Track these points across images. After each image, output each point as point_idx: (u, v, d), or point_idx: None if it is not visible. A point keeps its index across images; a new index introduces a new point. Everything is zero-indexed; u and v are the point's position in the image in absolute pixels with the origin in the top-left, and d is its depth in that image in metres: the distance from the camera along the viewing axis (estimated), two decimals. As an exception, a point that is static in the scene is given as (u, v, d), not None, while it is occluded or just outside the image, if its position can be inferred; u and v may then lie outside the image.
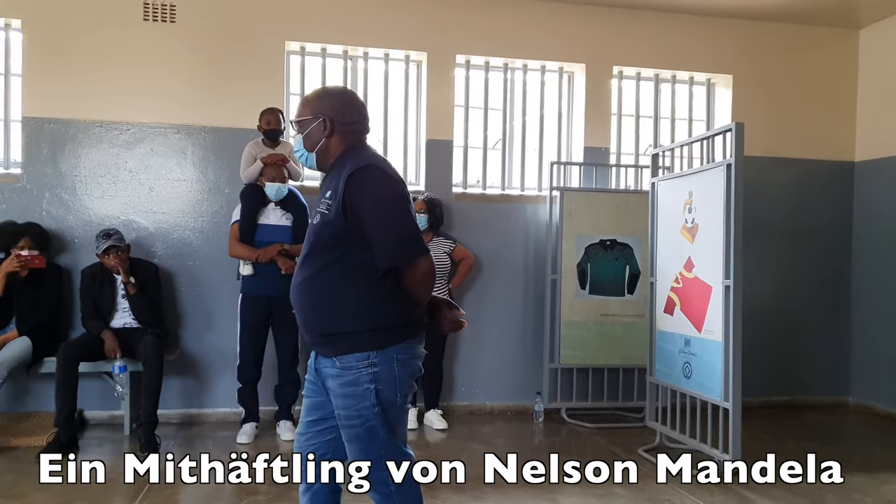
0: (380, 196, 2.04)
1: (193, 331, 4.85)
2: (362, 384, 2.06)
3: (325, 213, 2.08)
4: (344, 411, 2.10)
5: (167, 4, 4.78)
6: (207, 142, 4.86)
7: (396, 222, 2.04)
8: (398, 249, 2.03)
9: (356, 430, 2.09)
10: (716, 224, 3.81)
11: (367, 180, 2.03)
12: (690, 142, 4.34)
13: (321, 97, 2.20)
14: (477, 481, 3.69)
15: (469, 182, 5.43)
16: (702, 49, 5.59)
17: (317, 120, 2.15)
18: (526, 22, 5.31)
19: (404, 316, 2.11)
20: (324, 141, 2.15)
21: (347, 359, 2.07)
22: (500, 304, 5.30)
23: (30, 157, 4.67)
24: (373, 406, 2.06)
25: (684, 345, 4.11)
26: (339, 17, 5.03)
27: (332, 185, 2.09)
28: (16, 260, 4.18)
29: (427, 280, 2.08)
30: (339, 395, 2.10)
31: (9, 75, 4.78)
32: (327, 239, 2.07)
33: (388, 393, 2.08)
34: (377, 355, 2.06)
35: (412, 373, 2.15)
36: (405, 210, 2.07)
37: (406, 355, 2.12)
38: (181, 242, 4.84)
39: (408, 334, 2.12)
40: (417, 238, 2.07)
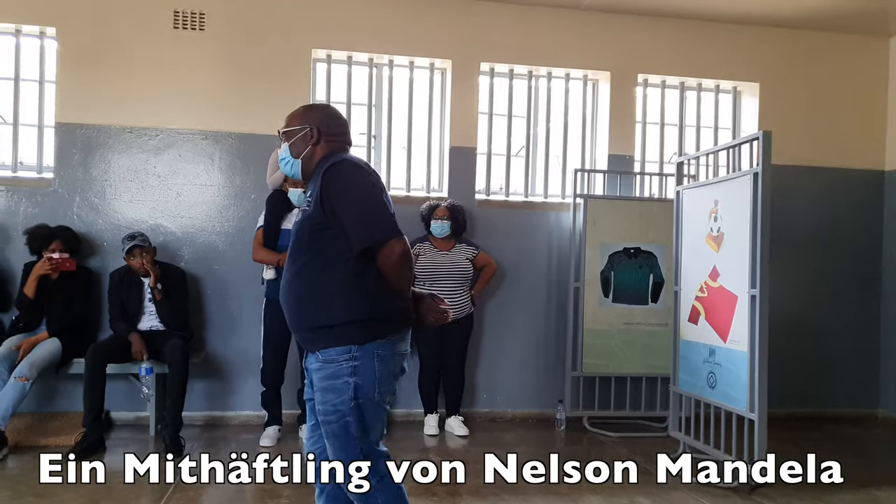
0: (351, 184, 2.13)
1: (218, 334, 4.91)
2: (342, 377, 2.10)
3: (305, 210, 2.18)
4: (322, 406, 2.15)
5: (197, 13, 4.86)
6: (234, 148, 4.92)
7: (367, 206, 2.12)
8: (369, 230, 2.09)
9: (333, 426, 2.12)
10: (742, 233, 3.78)
11: (340, 172, 2.14)
12: (716, 150, 4.31)
13: (308, 110, 2.35)
14: (497, 486, 3.69)
15: (492, 189, 5.44)
16: (728, 57, 5.56)
17: (304, 129, 2.27)
18: (551, 30, 5.32)
19: (386, 309, 2.14)
20: (309, 148, 2.27)
21: (329, 352, 2.12)
22: (523, 312, 5.30)
23: (62, 161, 4.76)
24: (350, 400, 2.09)
25: (709, 354, 4.08)
26: (365, 26, 5.08)
27: (312, 185, 2.23)
28: (47, 263, 4.26)
29: (402, 263, 2.11)
30: (319, 390, 2.16)
31: (43, 82, 4.89)
32: (308, 234, 2.16)
33: (367, 388, 2.11)
34: (358, 350, 2.10)
35: (392, 370, 2.17)
36: (376, 196, 2.15)
37: (387, 352, 2.15)
38: (207, 247, 4.90)
39: (390, 330, 2.16)
40: (389, 221, 2.13)
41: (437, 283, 4.72)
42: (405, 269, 2.13)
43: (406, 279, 2.16)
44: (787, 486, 3.70)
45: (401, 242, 2.10)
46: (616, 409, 5.15)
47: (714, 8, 5.26)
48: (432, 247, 4.82)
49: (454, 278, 4.75)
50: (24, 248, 4.49)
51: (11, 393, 3.94)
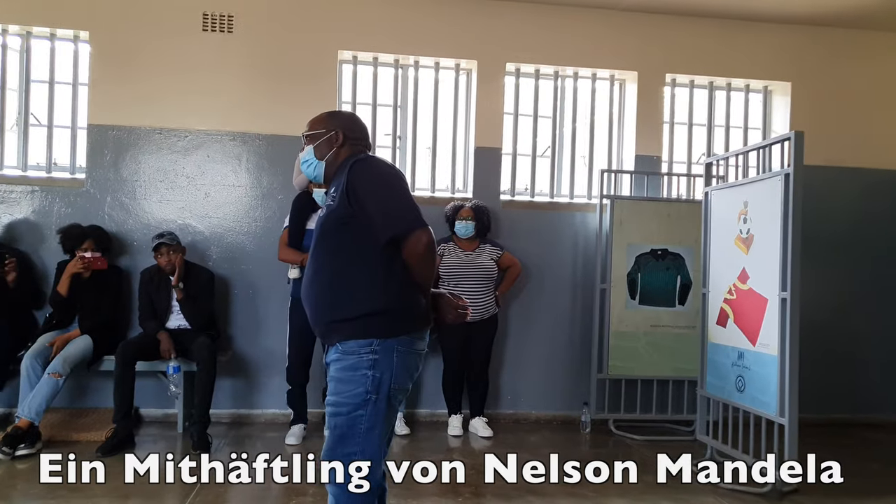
0: (378, 175, 2.20)
1: (245, 333, 4.96)
2: (360, 369, 2.11)
3: (330, 205, 2.23)
4: (335, 396, 2.15)
5: (225, 15, 4.92)
6: (262, 149, 4.97)
7: (393, 197, 2.17)
8: (395, 219, 2.12)
9: (341, 417, 2.13)
10: (772, 235, 3.72)
11: (367, 165, 2.21)
12: (746, 150, 4.25)
13: (332, 115, 2.42)
14: (521, 489, 3.68)
15: (517, 189, 5.42)
16: (758, 56, 5.48)
17: (329, 133, 2.33)
18: (577, 30, 5.29)
19: (408, 305, 2.17)
20: (333, 151, 2.33)
21: (350, 344, 2.13)
22: (548, 313, 5.27)
23: (94, 162, 4.85)
24: (365, 393, 2.11)
25: (737, 358, 4.02)
26: (391, 27, 5.10)
27: (336, 182, 2.26)
28: (79, 262, 4.34)
29: (428, 253, 2.14)
30: (334, 380, 2.17)
31: (77, 85, 4.98)
32: (332, 228, 2.19)
33: (385, 382, 2.12)
34: (379, 344, 2.12)
35: (409, 368, 2.19)
36: (401, 186, 2.21)
37: (406, 348, 2.17)
38: (235, 247, 4.95)
39: (410, 328, 2.18)
40: (415, 211, 2.16)
41: (461, 284, 4.71)
42: (430, 259, 2.16)
43: (430, 271, 2.19)
44: (816, 493, 3.64)
45: (426, 233, 2.13)
46: (642, 412, 5.10)
47: (745, 7, 5.19)
48: (457, 247, 4.82)
49: (478, 279, 4.74)
50: (58, 247, 4.58)
51: (45, 388, 4.02)
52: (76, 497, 3.34)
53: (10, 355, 4.31)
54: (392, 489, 3.62)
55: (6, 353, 4.28)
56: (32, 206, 4.79)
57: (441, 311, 2.29)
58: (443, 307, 2.28)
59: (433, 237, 2.16)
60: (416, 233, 2.12)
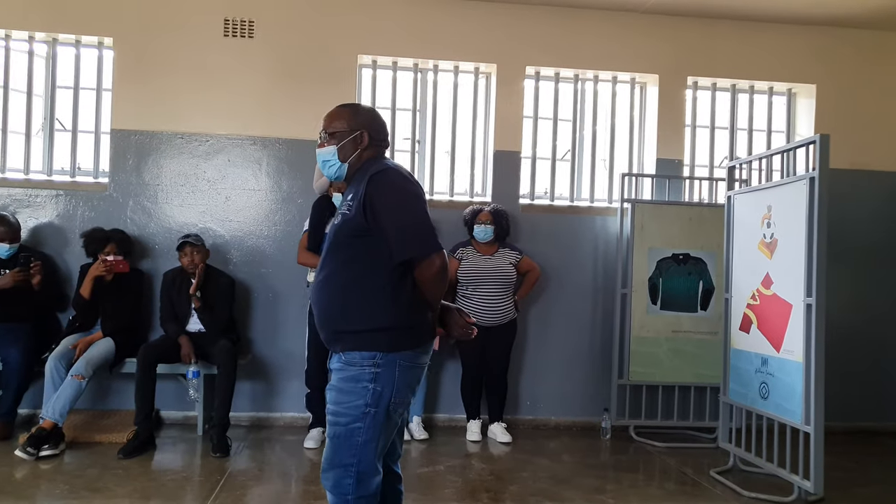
0: (396, 194, 2.14)
1: (265, 336, 4.97)
2: (361, 381, 2.11)
3: (346, 214, 2.18)
4: (334, 406, 2.15)
5: (246, 21, 4.96)
6: (282, 153, 4.99)
7: (412, 218, 2.13)
8: (412, 242, 2.10)
9: (339, 427, 2.12)
10: (797, 239, 3.66)
11: (386, 180, 2.14)
12: (770, 154, 4.19)
13: (356, 112, 2.33)
14: (540, 496, 3.66)
15: (537, 193, 5.39)
16: (783, 58, 5.41)
17: (353, 133, 2.26)
18: (597, 33, 5.26)
19: (415, 319, 2.15)
20: (358, 153, 2.27)
21: (353, 355, 2.13)
22: (567, 318, 5.23)
23: (116, 167, 4.90)
24: (364, 406, 2.10)
25: (761, 364, 3.96)
26: (411, 31, 5.11)
27: (354, 189, 2.21)
28: (102, 265, 4.38)
29: (440, 276, 2.12)
30: (334, 389, 2.16)
31: (101, 90, 5.04)
32: (345, 237, 2.17)
33: (385, 396, 2.11)
34: (383, 357, 2.11)
35: (411, 382, 2.17)
36: (420, 208, 2.16)
37: (409, 362, 2.16)
38: (255, 250, 4.98)
39: (415, 343, 2.16)
40: (431, 234, 2.14)
41: (479, 288, 4.70)
42: (441, 282, 2.15)
43: (441, 291, 2.18)
44: (842, 502, 3.58)
45: (440, 256, 2.12)
46: (663, 418, 5.05)
47: (768, 8, 5.12)
48: (475, 251, 4.80)
49: (497, 283, 4.72)
50: (81, 251, 4.63)
51: (69, 390, 4.06)
52: (98, 497, 3.37)
53: (34, 357, 4.36)
54: (410, 493, 3.62)
55: (31, 356, 4.33)
56: (57, 210, 4.85)
57: (448, 326, 2.29)
58: (450, 323, 2.28)
59: (447, 260, 2.15)
60: (431, 256, 2.11)
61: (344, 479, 2.11)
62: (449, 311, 2.30)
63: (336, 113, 2.33)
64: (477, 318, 4.66)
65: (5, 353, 4.26)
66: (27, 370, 4.31)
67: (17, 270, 4.31)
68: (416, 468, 4.12)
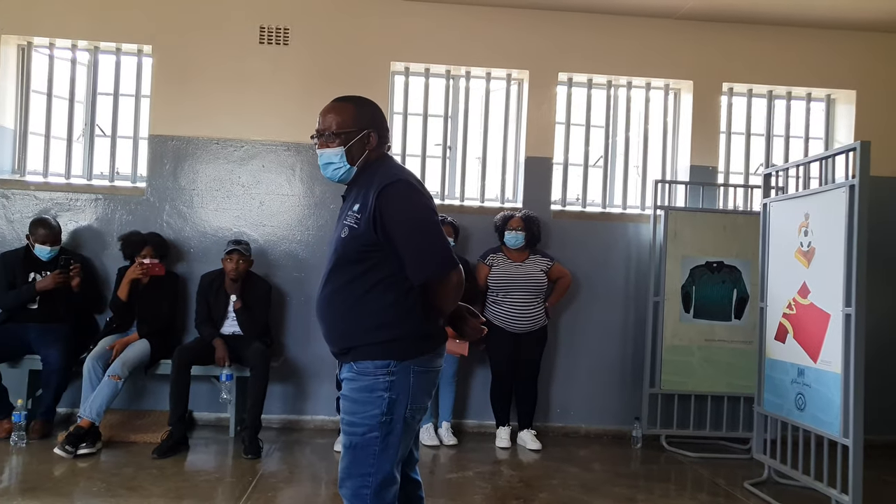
0: (411, 212, 2.04)
1: (297, 339, 5.02)
2: (376, 391, 2.05)
3: (353, 227, 2.06)
4: (349, 416, 2.09)
5: (281, 28, 5.03)
6: (315, 159, 4.96)
7: (429, 238, 2.04)
8: (429, 263, 2.03)
9: (356, 437, 2.07)
10: (836, 248, 3.59)
11: (398, 196, 2.03)
12: (808, 161, 4.11)
13: (361, 109, 2.17)
14: (569, 502, 3.63)
15: (568, 199, 5.36)
16: (821, 64, 5.32)
17: (361, 132, 2.14)
18: (631, 39, 5.23)
19: (427, 328, 2.11)
20: (366, 154, 2.16)
21: (366, 364, 2.07)
22: (599, 325, 5.19)
23: (154, 172, 5.00)
24: (381, 415, 2.05)
25: (797, 375, 3.88)
26: (444, 38, 5.13)
27: (361, 199, 2.08)
28: (139, 268, 4.47)
29: (456, 292, 2.09)
30: (348, 400, 2.11)
31: (139, 97, 5.15)
32: (354, 252, 2.07)
33: (401, 404, 2.06)
34: (397, 365, 2.06)
35: (426, 387, 2.13)
36: (434, 224, 2.07)
37: (424, 368, 2.11)
38: (288, 255, 5.04)
39: (428, 347, 2.12)
40: (448, 251, 2.08)
41: (510, 295, 4.69)
42: (457, 297, 2.11)
43: (454, 304, 2.15)
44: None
45: (458, 273, 2.07)
46: (696, 428, 4.98)
47: (806, 13, 5.04)
48: (506, 258, 4.79)
49: (528, 290, 4.71)
50: (119, 253, 4.73)
51: (105, 390, 4.15)
52: (134, 496, 3.43)
53: (73, 358, 4.46)
54: (439, 499, 3.63)
55: (70, 356, 4.42)
56: (96, 214, 4.96)
57: (459, 329, 2.27)
58: (461, 325, 2.26)
59: (462, 276, 2.09)
60: (449, 275, 2.06)
61: (362, 489, 2.06)
62: (459, 314, 2.26)
63: (339, 108, 2.17)
64: (507, 325, 4.68)
65: (45, 354, 4.36)
66: (66, 370, 4.40)
67: (58, 272, 4.41)
68: (445, 473, 4.12)
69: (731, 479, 4.22)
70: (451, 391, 4.80)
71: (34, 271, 4.55)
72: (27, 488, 3.47)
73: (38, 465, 3.84)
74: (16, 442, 4.13)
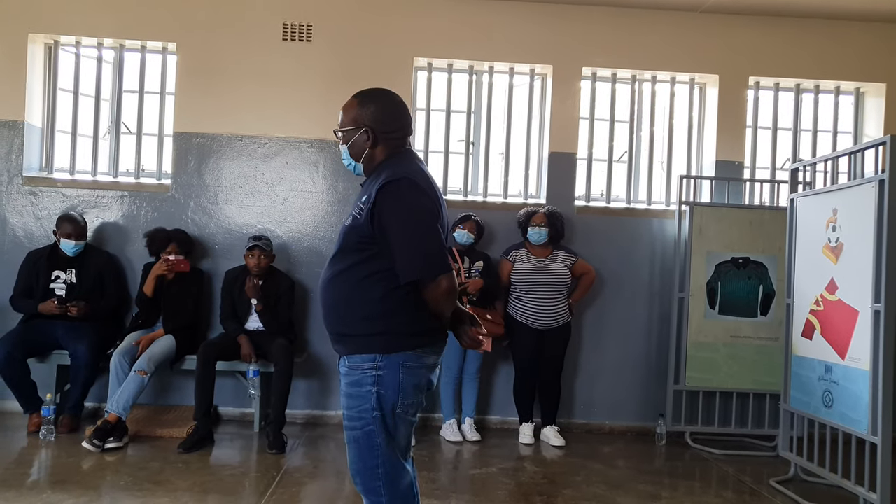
0: (405, 210, 2.02)
1: (321, 335, 5.04)
2: (365, 385, 2.08)
3: (356, 217, 2.10)
4: (347, 411, 2.13)
5: (304, 25, 5.04)
6: (338, 155, 4.98)
7: (420, 239, 2.02)
8: (420, 266, 2.01)
9: (356, 432, 2.10)
10: (864, 244, 3.53)
11: (397, 193, 2.02)
12: (836, 155, 4.05)
13: (362, 105, 2.19)
14: (594, 500, 3.62)
15: (592, 195, 5.33)
16: (850, 56, 5.23)
17: (359, 130, 2.17)
18: (656, 33, 5.18)
19: (417, 326, 2.10)
20: (368, 151, 2.18)
21: (355, 359, 2.10)
22: (623, 322, 5.16)
23: (179, 168, 5.04)
24: (372, 410, 2.07)
25: (825, 372, 3.83)
26: (467, 34, 5.12)
27: (367, 191, 2.11)
28: (164, 264, 4.52)
29: (447, 298, 2.05)
30: (344, 395, 2.14)
31: (164, 94, 5.20)
32: (354, 242, 2.10)
33: (389, 399, 2.07)
34: (383, 359, 2.07)
35: (417, 383, 2.11)
36: (431, 226, 2.05)
37: (413, 363, 2.10)
38: (311, 251, 5.06)
39: (417, 343, 2.10)
40: (441, 255, 2.05)
41: (533, 291, 4.67)
42: (448, 303, 2.07)
43: (447, 310, 2.11)
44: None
45: (448, 278, 2.03)
46: (721, 425, 4.93)
47: (834, 5, 4.96)
48: (529, 254, 4.78)
49: (551, 286, 4.69)
50: (144, 250, 4.78)
51: (132, 385, 4.20)
52: (160, 489, 3.47)
53: (100, 353, 4.52)
54: (463, 495, 3.64)
55: (97, 352, 4.49)
56: (122, 211, 5.02)
57: (458, 336, 2.25)
58: (460, 332, 2.25)
59: (454, 282, 2.05)
60: (438, 279, 2.02)
61: (372, 481, 2.10)
62: (461, 321, 2.25)
63: (347, 106, 2.22)
64: (531, 321, 4.66)
65: (73, 349, 4.42)
66: (94, 365, 4.46)
67: (57, 305, 4.44)
68: (469, 469, 4.12)
69: (757, 476, 4.18)
70: (475, 387, 4.80)
71: (59, 269, 4.62)
72: (56, 481, 3.53)
73: (66, 459, 3.90)
74: (45, 436, 4.20)
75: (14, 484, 3.47)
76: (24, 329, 4.48)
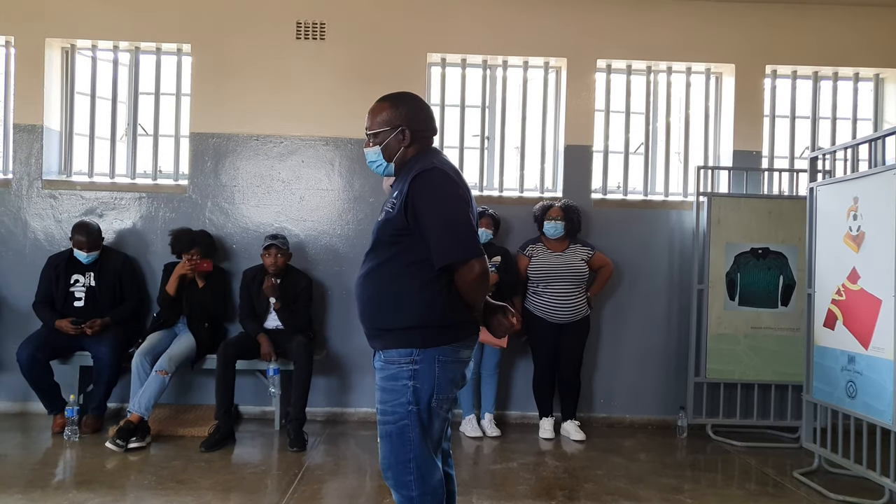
0: (439, 196, 2.08)
1: (339, 333, 5.06)
2: (401, 380, 2.10)
3: (389, 212, 2.15)
4: (381, 405, 2.15)
5: (318, 23, 5.05)
6: (353, 153, 5.06)
7: (454, 224, 2.07)
8: (452, 247, 2.05)
9: (389, 426, 2.13)
10: (887, 232, 3.49)
11: (429, 181, 2.08)
12: (856, 143, 4.00)
13: (395, 107, 2.26)
14: (616, 494, 3.61)
15: (609, 188, 5.30)
16: (869, 42, 5.15)
17: (394, 131, 2.23)
18: (670, 23, 5.13)
19: (452, 318, 2.12)
20: (402, 151, 2.24)
21: (391, 353, 2.13)
22: (642, 315, 5.14)
23: (196, 169, 5.07)
24: (407, 404, 2.09)
25: (848, 362, 3.79)
26: (480, 28, 5.10)
27: (399, 186, 2.16)
28: (187, 263, 4.55)
29: (480, 283, 2.09)
30: (379, 389, 2.16)
31: (180, 95, 5.23)
32: (387, 236, 2.14)
33: (425, 393, 2.10)
34: (420, 353, 2.10)
35: (453, 377, 2.14)
36: (463, 211, 2.09)
37: (449, 357, 2.13)
38: (328, 249, 5.07)
39: (453, 337, 2.13)
40: (474, 240, 2.09)
41: (551, 286, 4.66)
42: (481, 288, 2.11)
43: (481, 297, 2.15)
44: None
45: (480, 262, 2.07)
46: (742, 417, 4.90)
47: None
48: (545, 248, 4.76)
49: (569, 280, 4.67)
50: (163, 251, 4.82)
51: (153, 385, 4.23)
52: (183, 488, 3.50)
53: (122, 353, 4.56)
54: (484, 490, 3.64)
55: (119, 352, 4.53)
56: (140, 212, 5.06)
57: (491, 327, 2.28)
58: (493, 323, 2.27)
59: (486, 265, 2.11)
60: (471, 262, 2.06)
61: (404, 475, 2.12)
62: (493, 311, 2.27)
63: (376, 109, 2.28)
64: (549, 316, 4.65)
65: (96, 350, 4.47)
66: (116, 366, 4.51)
67: (73, 326, 4.48)
68: (489, 465, 4.12)
69: (780, 468, 4.15)
70: (494, 382, 4.79)
71: (78, 273, 4.67)
72: (81, 481, 3.57)
73: (90, 459, 3.94)
74: (69, 436, 4.25)
75: (40, 484, 3.51)
76: (47, 331, 4.53)
